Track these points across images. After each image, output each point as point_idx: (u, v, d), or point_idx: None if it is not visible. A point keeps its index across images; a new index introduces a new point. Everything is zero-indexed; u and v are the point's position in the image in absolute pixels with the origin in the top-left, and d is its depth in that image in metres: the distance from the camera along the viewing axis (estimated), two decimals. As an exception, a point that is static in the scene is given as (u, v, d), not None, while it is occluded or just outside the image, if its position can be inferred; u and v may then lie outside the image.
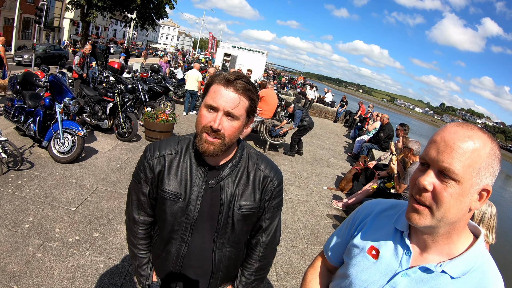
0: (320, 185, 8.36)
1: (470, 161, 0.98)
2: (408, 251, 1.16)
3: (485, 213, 2.95)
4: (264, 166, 1.72)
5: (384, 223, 1.28)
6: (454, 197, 1.00)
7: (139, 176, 1.68)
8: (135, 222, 1.77)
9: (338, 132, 17.89)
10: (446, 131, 1.04)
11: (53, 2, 35.76)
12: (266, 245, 1.84)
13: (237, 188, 1.63)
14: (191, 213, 1.61)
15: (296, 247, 5.03)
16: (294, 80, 41.98)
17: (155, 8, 22.67)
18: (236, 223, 1.66)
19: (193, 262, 1.72)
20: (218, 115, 1.44)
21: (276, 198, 1.76)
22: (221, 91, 1.45)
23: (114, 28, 63.33)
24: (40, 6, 17.00)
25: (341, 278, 1.34)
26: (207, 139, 1.46)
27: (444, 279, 1.07)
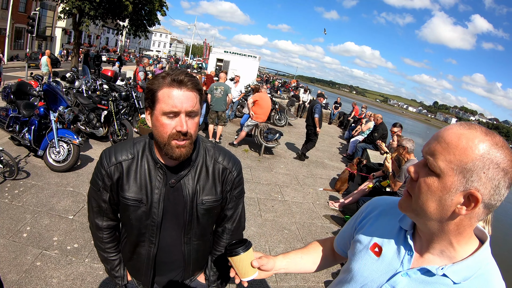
0: (316, 186, 8.40)
1: (453, 157, 0.96)
2: (411, 251, 1.15)
3: None
4: (222, 158, 1.72)
5: (389, 220, 1.27)
6: (432, 190, 1.00)
7: (98, 184, 1.65)
8: (99, 228, 1.77)
9: (333, 133, 17.97)
10: (449, 129, 1.03)
11: (45, 12, 35.72)
12: (232, 232, 1.88)
13: (198, 183, 1.64)
14: (155, 215, 1.62)
15: (294, 248, 5.02)
16: (287, 83, 42.15)
17: (147, 15, 22.68)
18: (201, 217, 1.69)
19: (165, 259, 1.76)
20: (182, 118, 1.44)
21: (237, 187, 1.78)
22: (175, 94, 1.42)
23: (106, 36, 63.34)
24: (32, 16, 17.00)
25: (344, 273, 1.35)
26: (178, 144, 1.46)
27: (445, 282, 1.05)
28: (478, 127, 0.97)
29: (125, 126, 8.17)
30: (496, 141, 0.94)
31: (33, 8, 30.27)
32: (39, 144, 6.43)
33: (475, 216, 0.98)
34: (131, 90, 10.16)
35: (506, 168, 0.92)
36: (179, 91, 1.42)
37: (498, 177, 0.92)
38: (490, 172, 0.92)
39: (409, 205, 1.08)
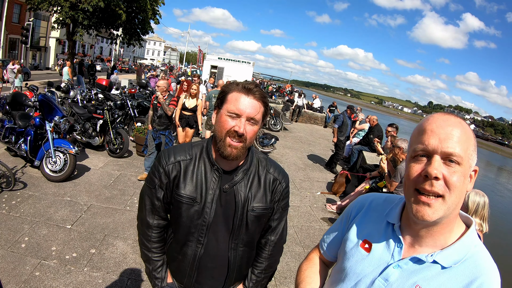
0: (313, 190, 8.43)
1: (467, 144, 1.04)
2: (400, 243, 1.18)
3: (479, 203, 3.04)
4: (273, 169, 1.83)
5: (377, 217, 1.31)
6: (461, 180, 1.04)
7: (154, 182, 1.75)
8: (149, 226, 1.83)
9: (328, 137, 17.95)
10: (439, 119, 1.09)
11: (39, 22, 35.72)
12: (275, 244, 1.93)
13: (250, 191, 1.73)
14: (207, 215, 1.69)
15: (293, 251, 5.07)
16: (282, 88, 42.24)
17: (141, 24, 22.67)
18: (250, 224, 1.76)
19: (209, 264, 1.80)
20: (242, 121, 1.57)
21: (284, 198, 1.88)
22: (242, 99, 1.58)
23: (100, 46, 63.34)
24: (26, 26, 17.12)
25: (337, 272, 1.37)
26: (231, 144, 1.57)
27: (436, 268, 1.09)
28: (453, 115, 1.09)
29: (121, 135, 8.19)
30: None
31: (27, 19, 30.32)
32: (36, 154, 6.43)
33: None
34: (126, 99, 10.17)
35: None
36: (246, 97, 1.59)
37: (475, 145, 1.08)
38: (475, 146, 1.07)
39: (441, 208, 1.05)
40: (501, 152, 74.70)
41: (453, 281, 1.06)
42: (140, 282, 3.92)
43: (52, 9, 18.56)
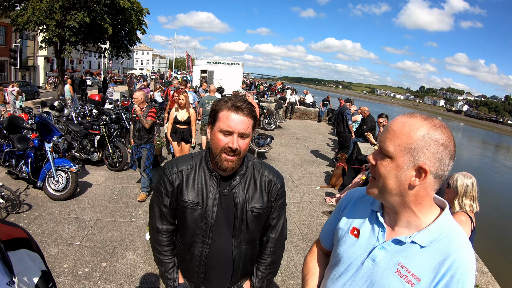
0: (312, 185, 8.60)
1: (400, 141, 1.20)
2: (383, 228, 1.36)
3: (467, 185, 3.20)
4: (267, 172, 2.00)
5: (363, 207, 1.50)
6: (388, 170, 1.24)
7: (160, 191, 1.95)
8: (158, 231, 2.02)
9: (323, 131, 18.19)
10: (393, 120, 1.28)
11: (25, 42, 35.61)
12: (276, 241, 2.10)
13: (247, 193, 1.91)
14: (209, 218, 1.88)
15: (297, 247, 5.23)
16: (273, 86, 42.37)
17: (127, 35, 22.64)
18: (250, 223, 1.93)
19: (215, 262, 1.98)
20: (234, 137, 1.74)
21: (280, 198, 2.04)
22: (232, 117, 1.74)
23: (88, 60, 62.99)
24: (14, 48, 17.13)
25: (333, 258, 1.56)
26: (227, 158, 1.75)
27: (415, 248, 1.26)
28: (418, 115, 1.24)
29: (119, 149, 8.31)
30: (434, 123, 1.19)
31: (13, 40, 30.28)
32: (37, 175, 6.54)
33: (429, 186, 1.22)
34: (120, 112, 10.29)
35: (445, 143, 1.18)
36: (236, 115, 1.74)
37: (440, 150, 1.17)
38: (432, 148, 1.17)
39: (374, 187, 1.31)
40: (496, 129, 75.12)
41: (430, 258, 1.22)
42: None
43: (38, 29, 18.59)
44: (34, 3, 16.73)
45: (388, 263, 1.30)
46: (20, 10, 18.12)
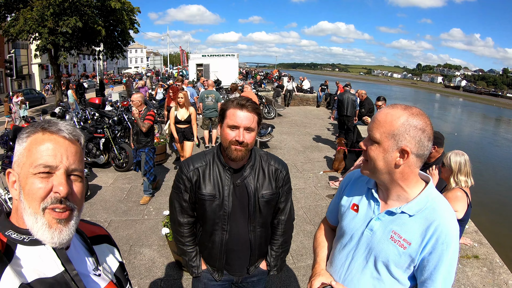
0: (315, 170, 8.79)
1: (384, 129, 1.45)
2: (377, 202, 1.62)
3: (460, 162, 3.38)
4: (273, 161, 2.27)
5: (360, 186, 1.75)
6: (376, 153, 1.48)
7: (179, 188, 2.18)
8: (180, 225, 2.26)
9: (322, 116, 18.30)
10: (378, 111, 1.55)
11: (18, 51, 35.56)
12: (285, 222, 2.37)
13: (257, 182, 2.16)
14: (226, 207, 2.12)
15: (305, 230, 5.45)
16: (270, 74, 42.29)
17: (120, 36, 22.65)
18: (262, 208, 2.18)
19: (234, 246, 2.23)
20: (241, 131, 1.98)
21: (286, 184, 2.31)
22: (238, 113, 1.99)
23: (83, 63, 62.81)
24: (8, 59, 17.17)
25: (338, 231, 1.84)
26: (236, 148, 1.99)
27: (405, 217, 1.51)
28: (399, 105, 1.48)
29: (124, 149, 8.46)
30: (412, 112, 1.43)
31: (5, 50, 30.37)
32: (48, 182, 6.68)
33: (412, 164, 1.46)
34: (122, 113, 10.43)
35: (423, 128, 1.41)
36: (241, 112, 1.99)
37: (418, 134, 1.41)
38: (411, 132, 1.41)
39: (366, 167, 1.56)
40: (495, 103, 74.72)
41: (418, 224, 1.48)
42: (172, 281, 4.27)
43: (31, 37, 18.67)
44: (25, 12, 16.82)
45: (383, 231, 1.56)
46: (11, 20, 18.22)
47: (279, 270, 2.48)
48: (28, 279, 0.95)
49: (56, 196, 0.99)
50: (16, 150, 1.06)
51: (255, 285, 2.49)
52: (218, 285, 2.39)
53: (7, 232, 1.03)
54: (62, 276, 1.02)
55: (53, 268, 1.02)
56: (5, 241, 1.00)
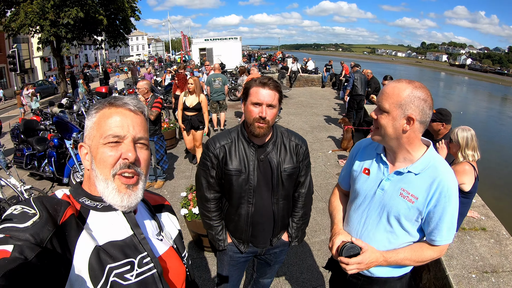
0: (324, 149, 8.88)
1: (392, 100, 1.64)
2: (386, 165, 1.83)
3: (467, 137, 3.44)
4: (293, 137, 2.37)
5: (370, 152, 1.97)
6: (386, 121, 1.68)
7: (206, 164, 2.30)
8: (207, 200, 2.38)
9: (328, 96, 18.26)
10: (385, 85, 1.74)
11: (19, 45, 35.49)
12: (305, 195, 2.50)
13: (280, 157, 2.28)
14: (251, 181, 2.25)
15: (317, 207, 5.56)
16: (273, 56, 42.06)
17: (122, 24, 22.56)
18: (285, 181, 2.31)
19: (259, 219, 2.36)
20: (264, 108, 2.09)
21: (306, 158, 2.43)
22: (261, 91, 2.10)
23: (85, 53, 62.69)
24: (11, 54, 17.24)
25: (352, 194, 2.05)
26: (259, 125, 2.11)
27: (411, 175, 1.73)
28: (404, 80, 1.67)
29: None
30: (415, 85, 1.63)
31: (6, 45, 30.35)
32: (62, 173, 6.84)
33: (416, 130, 1.66)
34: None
35: (425, 98, 1.61)
36: (263, 89, 2.10)
37: (421, 104, 1.61)
38: (415, 102, 1.61)
39: (377, 134, 1.75)
40: (501, 82, 73.58)
41: (423, 181, 1.70)
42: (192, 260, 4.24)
43: (32, 31, 18.66)
44: (25, 6, 16.75)
45: (393, 189, 1.78)
46: (11, 15, 18.19)
47: (300, 241, 2.61)
48: (101, 242, 1.06)
49: (125, 162, 1.10)
50: (86, 125, 1.16)
51: (277, 256, 2.64)
52: (243, 257, 2.53)
53: (81, 199, 1.14)
54: (131, 239, 1.14)
55: (122, 232, 1.14)
56: (78, 207, 1.11)
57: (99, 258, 1.02)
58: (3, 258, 0.81)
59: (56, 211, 1.00)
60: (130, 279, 1.07)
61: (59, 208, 1.02)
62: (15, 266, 0.80)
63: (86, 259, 1.00)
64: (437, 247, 1.77)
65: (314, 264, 4.31)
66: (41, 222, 0.93)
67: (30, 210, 0.95)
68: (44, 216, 0.94)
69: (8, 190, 6.11)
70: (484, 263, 3.31)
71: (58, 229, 0.96)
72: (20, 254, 0.83)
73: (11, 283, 0.77)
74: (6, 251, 0.83)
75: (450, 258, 3.37)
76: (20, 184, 5.70)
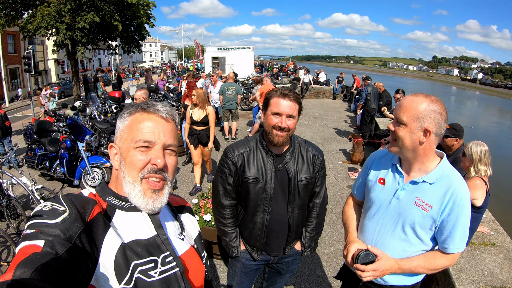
0: (334, 161, 8.88)
1: (410, 113, 1.71)
2: (401, 175, 1.89)
3: (481, 152, 3.44)
4: (311, 148, 2.43)
5: (385, 162, 2.02)
6: (404, 133, 1.74)
7: (224, 171, 2.35)
8: (223, 207, 2.42)
9: (339, 108, 18.26)
10: (403, 98, 1.81)
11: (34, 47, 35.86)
12: (320, 205, 2.53)
13: (297, 167, 2.32)
14: (268, 189, 2.28)
15: (327, 219, 5.40)
16: (285, 67, 42.20)
17: (137, 30, 22.82)
18: (301, 191, 2.34)
19: (274, 227, 2.39)
20: (283, 118, 2.15)
21: (322, 169, 2.48)
22: (281, 102, 2.16)
23: (98, 58, 63.22)
24: (26, 55, 17.41)
25: (366, 203, 2.09)
26: (277, 134, 2.16)
27: (426, 185, 1.79)
28: (420, 94, 1.75)
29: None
30: (432, 99, 1.71)
31: (22, 47, 30.80)
32: (73, 174, 6.90)
33: (432, 142, 1.73)
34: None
35: (441, 112, 1.69)
36: (284, 100, 2.16)
37: (437, 117, 1.68)
38: (432, 116, 1.68)
39: (394, 145, 1.82)
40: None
41: (437, 190, 1.76)
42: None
43: (48, 33, 18.94)
44: (42, 9, 17.04)
45: (408, 198, 1.84)
46: (28, 17, 18.50)
47: (312, 251, 2.63)
48: (126, 240, 1.09)
49: (153, 167, 1.14)
50: (117, 126, 1.20)
51: (289, 265, 2.65)
52: (255, 265, 2.55)
53: (107, 198, 1.17)
54: (154, 239, 1.17)
55: (146, 232, 1.17)
56: (104, 206, 1.14)
57: (125, 254, 1.06)
58: (35, 253, 0.83)
59: (84, 208, 1.04)
60: (153, 276, 1.10)
61: (87, 206, 1.05)
62: (47, 260, 0.82)
63: (112, 256, 1.03)
64: (450, 255, 1.82)
65: (323, 275, 4.31)
66: (71, 219, 0.96)
67: (60, 207, 0.98)
68: (73, 213, 0.97)
69: (18, 188, 6.16)
70: (493, 278, 3.32)
71: (86, 226, 0.99)
72: (51, 249, 0.86)
73: (43, 277, 0.79)
74: (38, 246, 0.85)
75: (459, 273, 3.37)
76: (31, 183, 5.75)
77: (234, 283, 2.65)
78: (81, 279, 0.89)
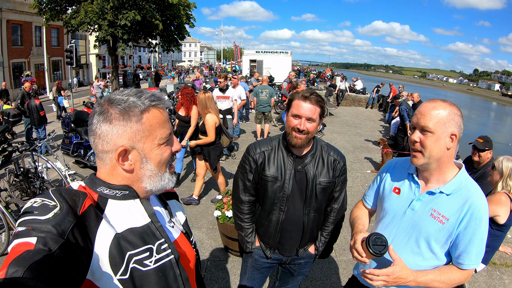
0: (363, 170, 8.77)
1: (437, 120, 1.66)
2: (418, 185, 1.85)
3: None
4: (333, 152, 2.40)
5: (401, 171, 1.98)
6: (432, 141, 1.67)
7: (245, 168, 2.40)
8: (241, 202, 2.48)
9: (374, 117, 17.99)
10: (422, 106, 1.75)
11: (77, 42, 36.88)
12: (337, 211, 2.50)
13: (317, 169, 2.32)
14: (286, 189, 2.30)
15: (348, 226, 5.36)
16: (322, 73, 41.92)
17: (176, 30, 23.18)
18: (318, 194, 2.34)
19: (289, 227, 2.41)
20: (302, 120, 2.15)
21: (343, 174, 2.44)
22: (302, 104, 2.16)
23: (138, 55, 64.47)
24: (69, 49, 18.10)
25: (379, 213, 2.07)
26: (296, 136, 2.18)
27: (443, 196, 1.75)
28: (438, 100, 1.73)
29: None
30: (450, 103, 1.70)
31: (65, 40, 31.95)
32: (106, 164, 7.04)
33: (454, 147, 1.70)
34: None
35: (460, 114, 1.69)
36: (304, 103, 2.16)
37: (459, 120, 1.68)
38: (455, 119, 1.67)
39: (421, 158, 1.73)
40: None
41: (454, 202, 1.72)
42: (218, 262, 4.48)
43: (91, 29, 19.61)
44: (86, 5, 17.67)
45: (424, 210, 1.79)
46: (72, 13, 19.20)
47: (326, 256, 2.65)
48: (120, 229, 1.10)
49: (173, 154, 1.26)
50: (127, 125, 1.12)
51: (301, 267, 2.67)
52: (267, 262, 2.57)
53: (98, 188, 1.15)
54: (148, 226, 1.18)
55: (140, 219, 1.18)
56: (95, 197, 1.13)
57: (119, 245, 1.06)
58: (27, 251, 0.83)
59: (75, 202, 1.03)
60: (149, 265, 1.12)
61: (78, 199, 1.04)
62: (40, 258, 0.82)
63: (106, 248, 1.03)
64: (465, 271, 1.75)
65: (338, 282, 4.27)
66: (62, 213, 0.95)
67: (50, 202, 0.97)
68: (64, 208, 0.97)
69: (52, 173, 6.39)
70: (510, 302, 3.15)
71: (78, 220, 0.98)
72: (44, 246, 0.85)
73: (37, 275, 0.80)
74: (30, 243, 0.85)
75: (475, 293, 3.24)
76: (65, 169, 5.97)
77: (245, 278, 2.70)
78: (75, 275, 0.90)
